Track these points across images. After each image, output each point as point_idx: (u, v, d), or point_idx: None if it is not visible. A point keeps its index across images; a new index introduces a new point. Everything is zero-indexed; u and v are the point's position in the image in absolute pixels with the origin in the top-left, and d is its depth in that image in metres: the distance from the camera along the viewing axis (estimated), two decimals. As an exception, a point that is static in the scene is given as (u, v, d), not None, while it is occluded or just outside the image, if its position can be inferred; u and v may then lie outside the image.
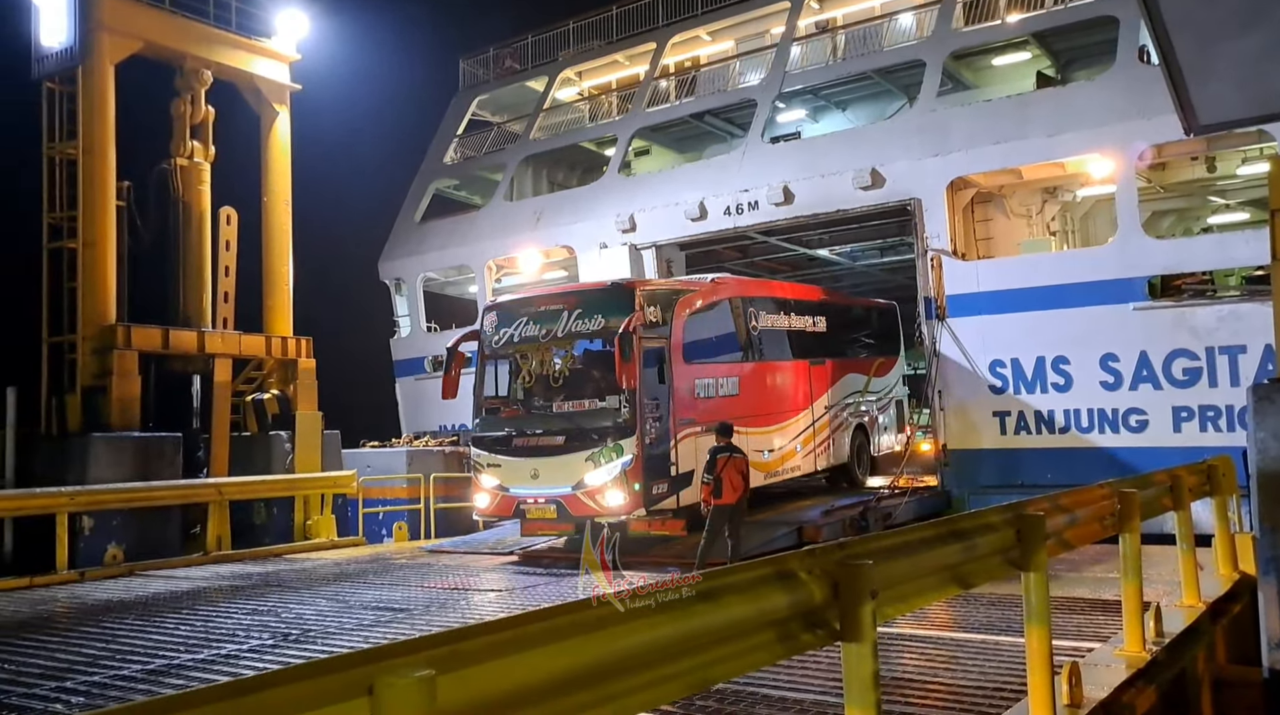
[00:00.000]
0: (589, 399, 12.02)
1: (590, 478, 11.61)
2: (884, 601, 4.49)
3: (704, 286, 13.95)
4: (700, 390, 12.88)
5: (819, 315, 16.83)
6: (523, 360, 12.55)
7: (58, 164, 18.86)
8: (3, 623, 9.58)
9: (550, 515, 11.86)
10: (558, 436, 11.97)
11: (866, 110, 21.48)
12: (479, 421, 12.96)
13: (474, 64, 26.13)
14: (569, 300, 12.50)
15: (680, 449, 12.18)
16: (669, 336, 12.28)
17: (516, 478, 12.13)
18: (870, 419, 17.82)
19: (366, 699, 2.10)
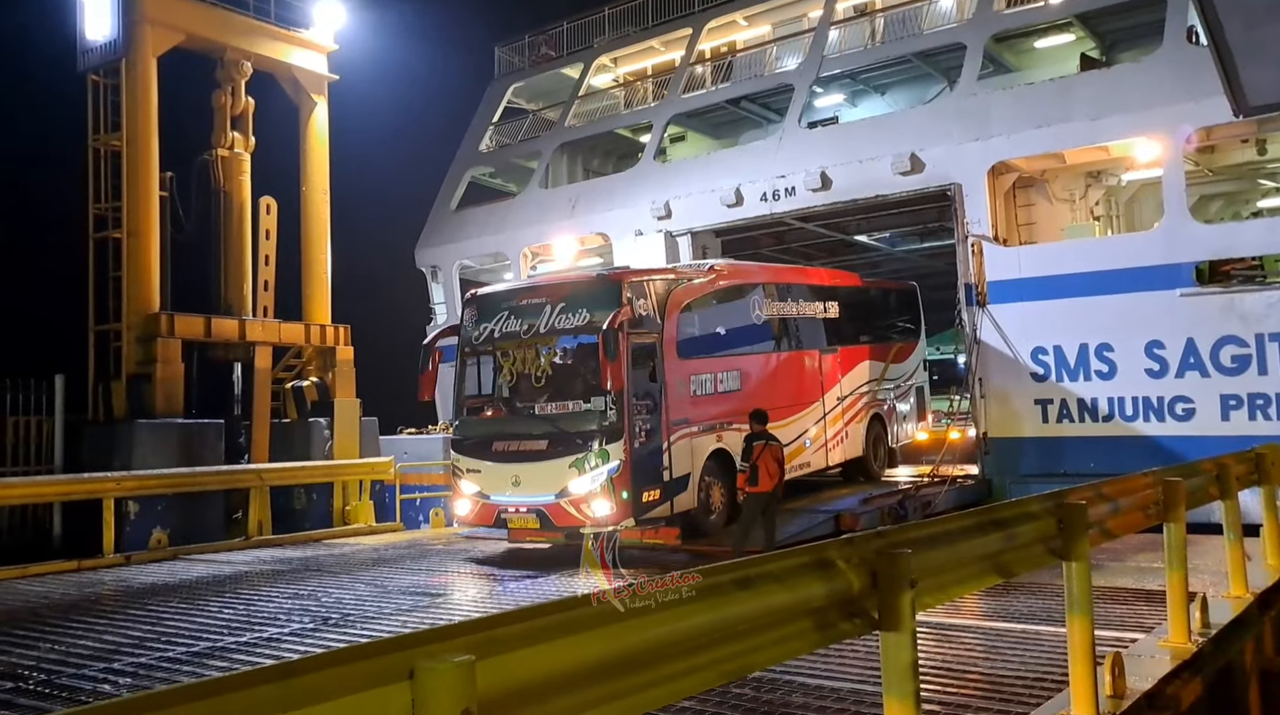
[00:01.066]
0: (573, 400, 11.21)
1: (574, 485, 10.81)
2: (923, 591, 4.46)
3: (700, 275, 13.22)
4: (697, 387, 12.15)
5: (830, 300, 16.01)
6: (504, 358, 11.77)
7: (102, 155, 19.19)
8: (52, 605, 9.80)
9: (533, 525, 11.15)
10: (540, 441, 11.16)
11: (906, 94, 21.22)
12: (458, 423, 12.23)
13: (509, 51, 26.15)
14: (552, 293, 11.65)
15: (674, 452, 11.43)
16: (661, 331, 11.55)
17: (497, 484, 11.33)
18: (888, 408, 17.02)
19: (407, 683, 2.12)
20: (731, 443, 12.22)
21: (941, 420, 20.22)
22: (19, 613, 9.42)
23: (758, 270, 15.72)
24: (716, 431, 12.32)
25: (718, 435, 12.32)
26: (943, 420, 20.20)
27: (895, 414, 17.27)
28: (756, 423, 11.13)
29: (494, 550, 12.80)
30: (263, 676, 1.91)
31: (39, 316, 25.38)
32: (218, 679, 1.88)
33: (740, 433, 11.85)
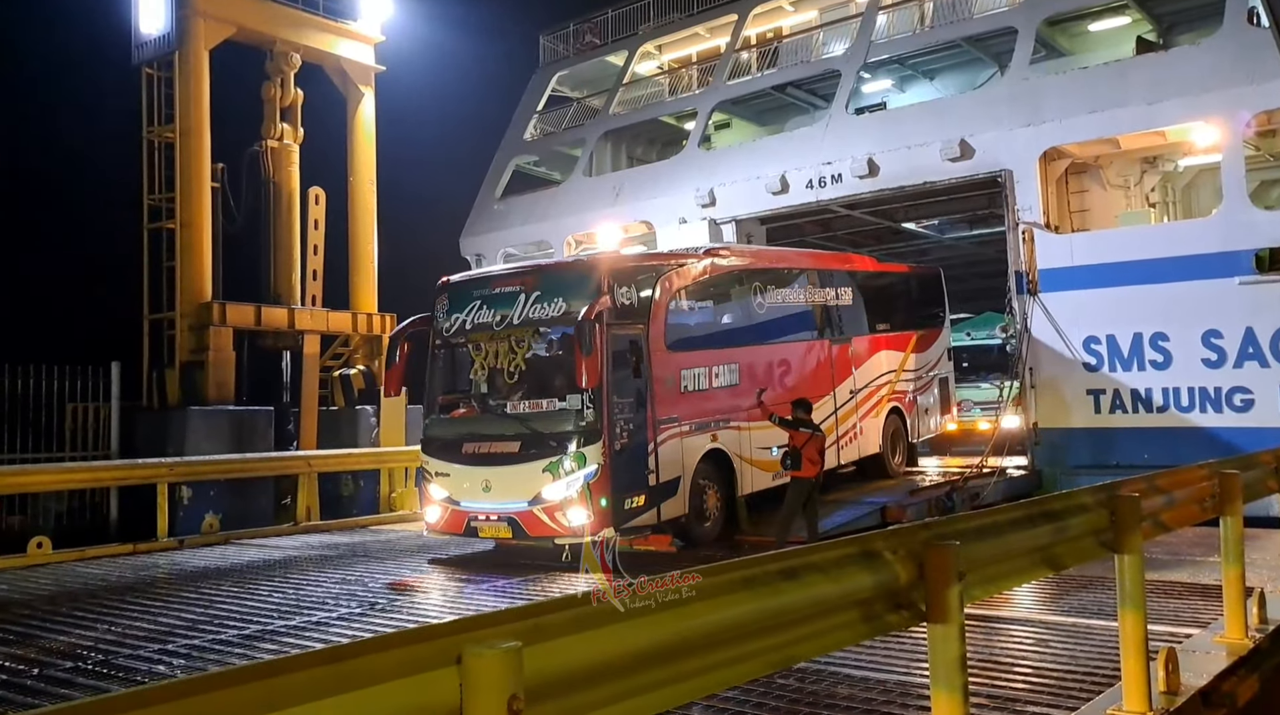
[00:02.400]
0: (548, 398, 10.29)
1: (548, 492, 9.87)
2: (972, 583, 4.42)
3: (692, 259, 12.25)
4: (689, 382, 11.21)
5: (842, 286, 15.02)
6: (475, 351, 10.77)
7: (156, 147, 19.57)
8: (109, 587, 10.03)
9: (504, 534, 10.26)
10: (512, 442, 10.24)
11: (955, 80, 20.92)
12: (428, 422, 11.34)
13: (554, 40, 26.16)
14: (527, 280, 10.68)
15: (662, 453, 10.49)
16: (647, 322, 10.63)
17: (467, 489, 10.41)
18: (908, 401, 15.94)
19: (455, 668, 2.15)
20: (728, 442, 11.57)
21: (972, 409, 19.66)
22: (78, 594, 9.66)
23: (758, 254, 14.74)
24: (711, 430, 11.37)
25: (712, 434, 11.38)
26: (973, 409, 19.65)
27: (916, 407, 16.24)
28: (801, 411, 11.04)
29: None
30: (317, 659, 1.95)
31: (96, 306, 25.97)
32: (273, 661, 1.93)
33: (738, 431, 11.59)
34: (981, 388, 20.00)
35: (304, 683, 1.90)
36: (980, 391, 20.00)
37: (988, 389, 19.72)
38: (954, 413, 17.88)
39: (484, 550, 11.58)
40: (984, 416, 19.44)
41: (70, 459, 15.88)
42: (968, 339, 20.80)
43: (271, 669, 1.91)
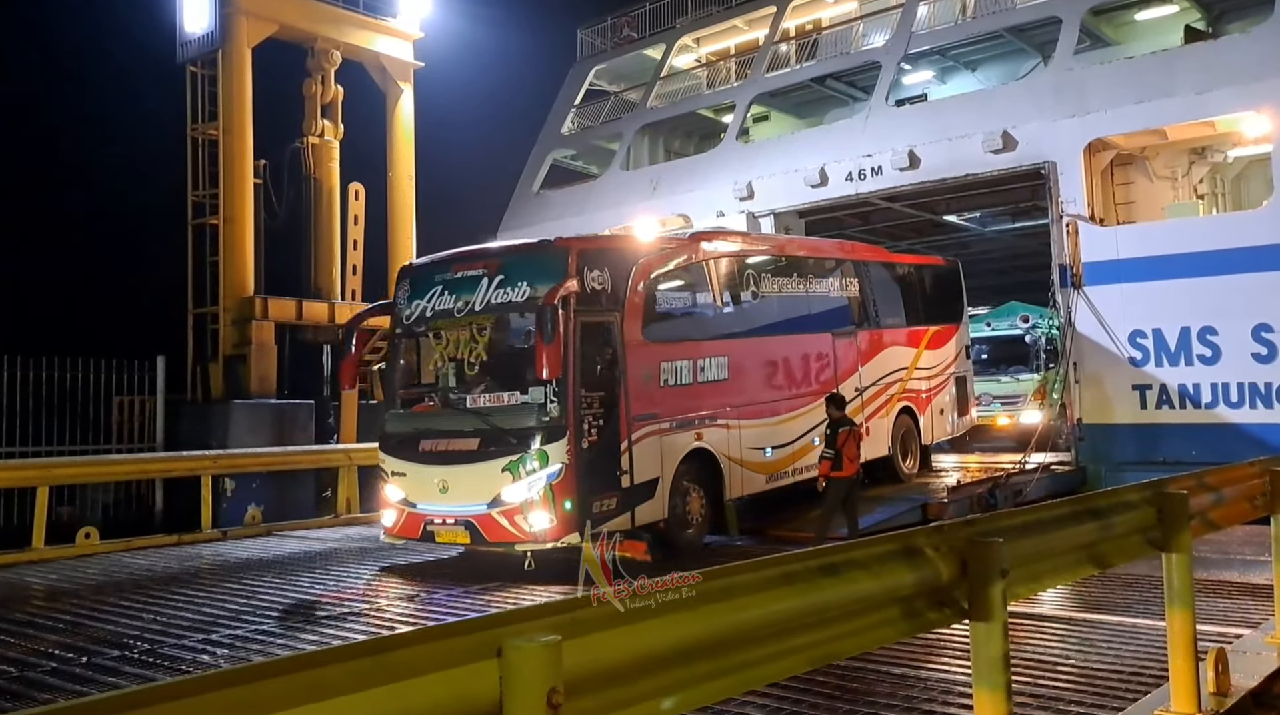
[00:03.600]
0: (509, 391, 9.54)
1: (508, 493, 9.10)
2: (1015, 581, 4.38)
3: (675, 243, 11.47)
4: (669, 376, 10.37)
5: (848, 277, 14.11)
6: (436, 340, 10.07)
7: (200, 144, 19.87)
8: (154, 577, 10.20)
9: (462, 539, 9.48)
10: (470, 439, 9.48)
11: (997, 70, 20.66)
12: (386, 417, 10.66)
13: (591, 33, 26.19)
14: (490, 263, 9.86)
15: (637, 452, 9.67)
16: (622, 309, 9.81)
17: (423, 490, 9.65)
18: (920, 401, 14.89)
19: (495, 660, 2.16)
20: (715, 441, 10.78)
21: (991, 403, 19.11)
22: (124, 584, 9.83)
23: (752, 239, 13.74)
24: (695, 428, 10.57)
25: (697, 433, 10.57)
26: (992, 403, 19.12)
27: (930, 407, 15.19)
28: (835, 408, 10.93)
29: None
30: (361, 650, 1.97)
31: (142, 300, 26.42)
32: (317, 652, 1.95)
33: (727, 429, 10.90)
34: (1001, 381, 19.49)
35: (348, 674, 1.93)
36: (1000, 385, 19.46)
37: (1008, 382, 19.33)
38: (973, 414, 16.87)
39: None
40: (1004, 411, 19.04)
41: (117, 451, 16.17)
42: (988, 330, 20.25)
43: (315, 660, 1.93)
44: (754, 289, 12.22)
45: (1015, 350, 19.71)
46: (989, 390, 19.16)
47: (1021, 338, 19.68)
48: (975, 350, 17.92)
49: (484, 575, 9.43)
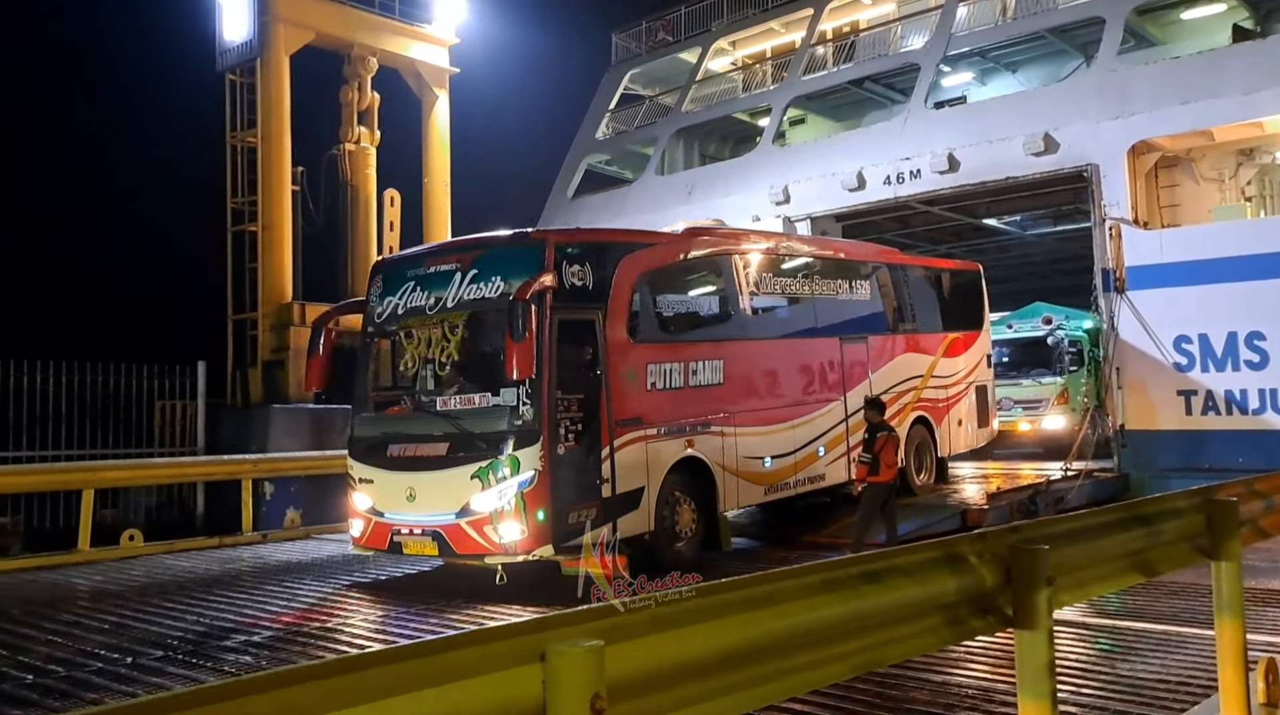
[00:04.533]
0: (480, 393, 8.95)
1: (477, 502, 8.55)
2: (1060, 588, 4.34)
3: (665, 238, 10.95)
4: (657, 379, 9.80)
5: (859, 279, 13.47)
6: (407, 339, 9.54)
7: (239, 151, 20.13)
8: (196, 579, 10.33)
9: (430, 550, 8.99)
10: (440, 444, 8.95)
11: (1039, 72, 20.43)
12: (356, 420, 10.10)
13: (626, 38, 26.23)
14: (463, 257, 9.33)
15: (620, 460, 9.08)
16: (605, 307, 9.28)
17: (390, 498, 9.12)
18: (936, 411, 14.18)
19: (539, 665, 2.16)
20: (708, 449, 10.22)
21: (1012, 408, 18.57)
22: (167, 586, 9.97)
23: (754, 237, 12.95)
24: (686, 435, 10.01)
25: (688, 440, 10.01)
26: (1013, 408, 18.58)
27: (948, 418, 14.44)
28: (875, 412, 10.82)
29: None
30: (404, 654, 1.99)
31: (183, 306, 26.86)
32: (364, 654, 1.98)
33: (721, 437, 10.35)
34: (1023, 385, 18.93)
35: (394, 676, 1.95)
36: (1021, 389, 18.89)
37: (1029, 386, 18.82)
38: (994, 426, 16.12)
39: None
40: (1025, 416, 18.58)
41: (159, 455, 16.40)
42: (1009, 332, 19.68)
43: (361, 662, 1.95)
44: (753, 289, 11.59)
45: (1037, 353, 19.18)
46: (1009, 395, 18.60)
47: (1044, 340, 19.18)
48: (995, 352, 17.29)
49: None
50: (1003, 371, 18.34)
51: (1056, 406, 18.57)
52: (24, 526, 13.70)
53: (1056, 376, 18.78)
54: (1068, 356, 18.90)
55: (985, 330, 16.17)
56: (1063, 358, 18.90)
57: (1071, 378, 18.84)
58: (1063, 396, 18.58)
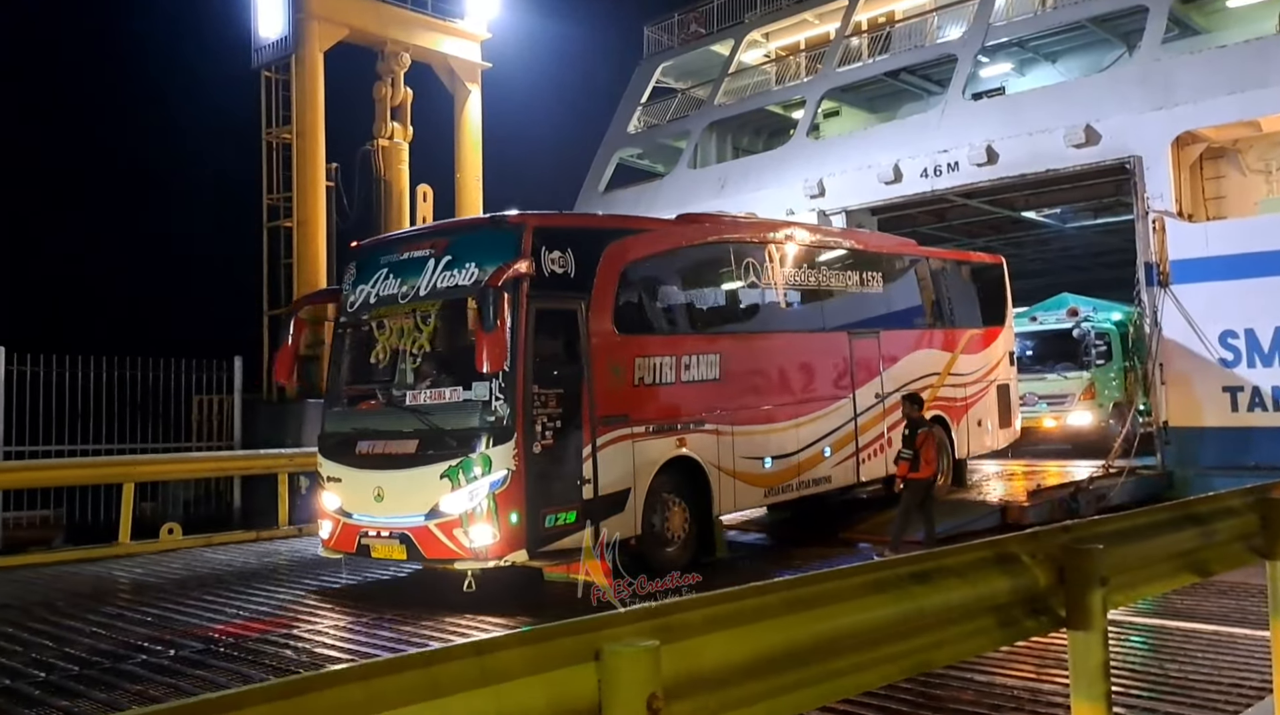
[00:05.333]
0: (452, 387, 8.43)
1: (446, 503, 8.04)
2: (1114, 589, 4.27)
3: (657, 225, 10.53)
4: (645, 374, 9.26)
5: (870, 271, 12.75)
6: (379, 330, 8.98)
7: (274, 148, 20.30)
8: (235, 572, 10.43)
9: (398, 554, 8.44)
10: (409, 441, 8.45)
11: (1079, 62, 20.09)
12: (327, 415, 9.59)
13: (658, 30, 26.13)
14: (437, 243, 8.86)
15: (603, 459, 8.56)
16: (588, 296, 8.76)
17: (358, 498, 8.62)
18: (954, 410, 13.48)
19: (593, 664, 2.14)
20: (702, 448, 9.66)
21: (1036, 404, 17.78)
22: (206, 579, 10.07)
23: (754, 225, 12.17)
24: (677, 433, 9.48)
25: (679, 439, 9.46)
26: (1038, 404, 17.80)
27: (966, 418, 13.69)
28: (914, 408, 10.68)
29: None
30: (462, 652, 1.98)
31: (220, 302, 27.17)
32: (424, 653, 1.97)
33: (716, 436, 9.82)
34: (1047, 379, 18.18)
35: (453, 674, 1.94)
36: (1046, 383, 18.13)
37: (1054, 381, 18.09)
38: (1016, 426, 15.32)
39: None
40: (1050, 412, 17.86)
41: (196, 449, 16.58)
42: (1032, 324, 18.94)
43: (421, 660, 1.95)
44: (753, 280, 10.98)
45: (1062, 346, 18.35)
46: (1033, 390, 17.70)
47: (1069, 332, 18.39)
48: (1018, 346, 16.52)
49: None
50: (1026, 365, 17.62)
51: (1082, 402, 17.91)
52: (66, 520, 13.89)
53: (1082, 371, 18.06)
54: (1094, 350, 18.21)
55: (1008, 326, 15.52)
56: (1089, 351, 18.16)
57: (1099, 372, 18.19)
58: (1089, 392, 17.92)
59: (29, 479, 12.56)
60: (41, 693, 6.04)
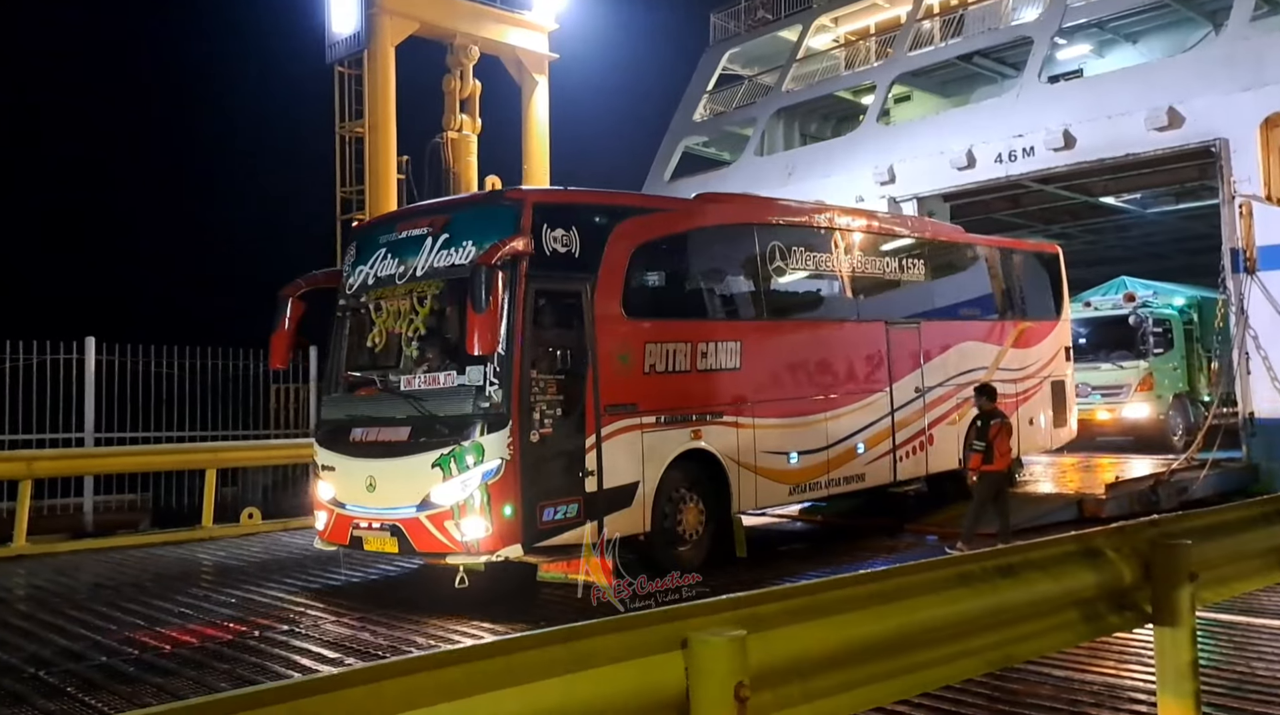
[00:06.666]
0: (447, 372, 7.99)
1: (438, 494, 7.64)
2: (1203, 585, 4.18)
3: (675, 205, 9.98)
4: (657, 361, 8.72)
5: (910, 258, 12.12)
6: (376, 312, 8.60)
7: (348, 142, 20.69)
8: (313, 557, 10.58)
9: (390, 547, 8.01)
10: (401, 428, 8.06)
11: (1162, 42, 19.47)
12: (324, 401, 9.34)
13: (724, 17, 25.97)
14: (435, 221, 8.42)
15: (607, 450, 8.08)
16: (594, 277, 8.25)
17: (351, 488, 8.26)
18: (1003, 407, 12.26)
19: (680, 652, 2.16)
20: (720, 442, 9.13)
21: (1090, 395, 16.98)
22: (286, 563, 10.34)
23: (781, 207, 11.56)
24: (692, 425, 8.95)
25: (694, 430, 8.94)
26: (1091, 395, 17.01)
27: (1017, 415, 12.81)
28: (987, 400, 10.45)
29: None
30: (551, 638, 2.01)
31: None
32: (514, 638, 2.00)
33: (736, 428, 9.29)
34: (1102, 369, 17.37)
35: (542, 660, 1.97)
36: (1100, 374, 17.31)
37: (1109, 371, 17.28)
38: (1072, 426, 14.40)
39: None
40: (1104, 403, 17.07)
41: (274, 437, 16.99)
42: (1087, 310, 18.11)
43: (512, 646, 1.98)
44: (780, 264, 10.35)
45: (1118, 333, 17.55)
46: (1087, 380, 16.88)
47: (1125, 319, 17.63)
48: (1073, 333, 15.66)
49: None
50: (1080, 354, 16.59)
51: (1139, 394, 17.04)
52: (152, 504, 14.37)
53: (1139, 360, 17.27)
54: (1152, 337, 17.35)
55: (1064, 319, 14.64)
56: (1147, 339, 17.32)
57: (1157, 361, 17.33)
58: (1146, 382, 17.07)
59: (119, 465, 13.03)
60: (136, 670, 6.28)
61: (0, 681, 6.09)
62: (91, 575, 9.92)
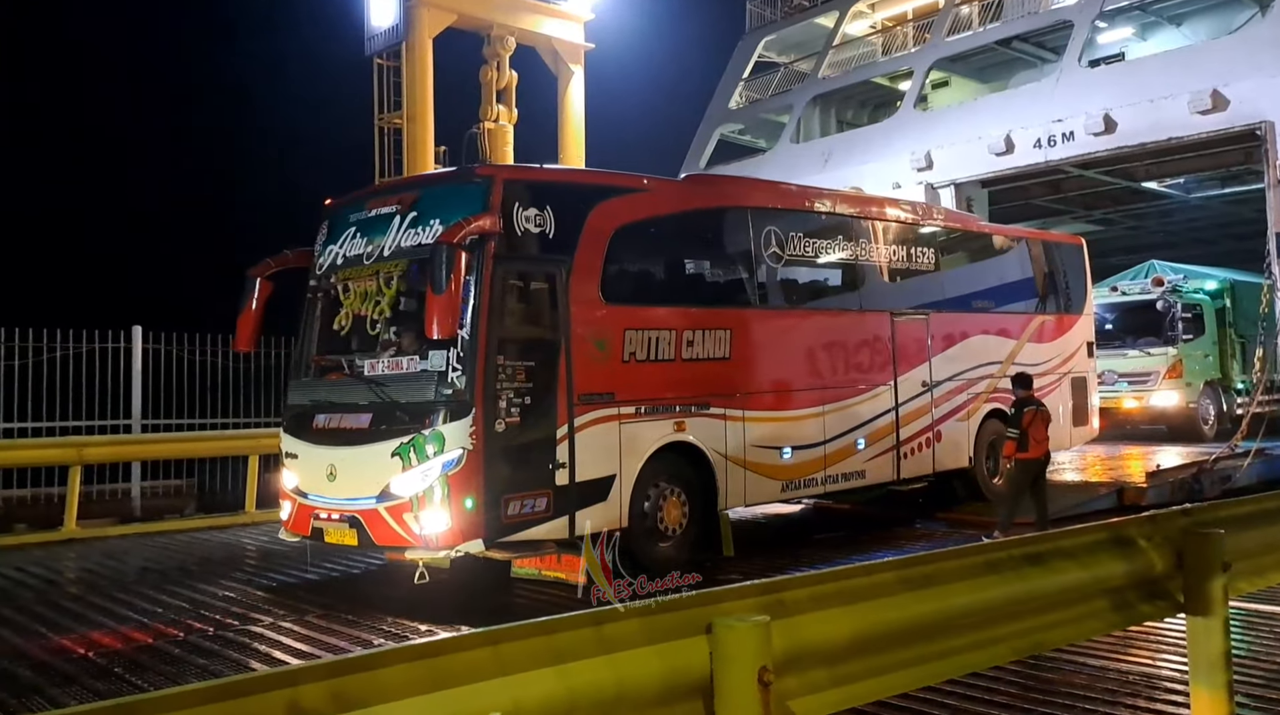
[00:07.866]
0: (409, 356, 7.63)
1: (397, 485, 7.29)
2: (1236, 575, 4.14)
3: (659, 185, 9.37)
4: (637, 348, 8.31)
5: (918, 245, 11.49)
6: (344, 293, 8.25)
7: (386, 133, 20.89)
8: (355, 541, 10.82)
9: (349, 540, 7.68)
10: (363, 415, 7.72)
11: (1206, 24, 19.12)
12: (291, 386, 8.94)
13: (760, 4, 25.84)
14: (404, 198, 8.08)
15: (581, 441, 7.68)
16: (570, 258, 7.87)
17: (313, 477, 7.93)
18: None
19: (705, 637, 2.21)
20: (705, 433, 8.69)
21: (1116, 382, 16.56)
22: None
23: (776, 189, 11.12)
24: (675, 416, 8.52)
25: (676, 422, 8.51)
26: (1117, 382, 16.59)
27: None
28: (1021, 388, 10.34)
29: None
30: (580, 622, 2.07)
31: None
32: (549, 620, 2.06)
33: (724, 420, 8.87)
34: (1128, 356, 16.91)
35: (575, 641, 2.03)
36: (1126, 361, 16.86)
37: (1136, 357, 16.82)
38: (1093, 424, 13.74)
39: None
40: (1131, 391, 16.68)
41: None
42: (1113, 295, 17.68)
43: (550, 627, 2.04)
44: (774, 250, 9.79)
45: (1146, 319, 17.10)
46: (1113, 367, 16.43)
47: (1153, 303, 17.11)
48: (1098, 319, 15.18)
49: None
50: (1106, 341, 16.04)
51: (1167, 381, 16.62)
52: (197, 489, 14.66)
53: (1168, 346, 16.80)
54: (1181, 323, 16.90)
55: (1086, 313, 13.91)
56: (1175, 325, 16.87)
57: (1186, 348, 16.86)
58: (1174, 369, 16.66)
59: (166, 451, 13.32)
60: (181, 651, 6.46)
61: (52, 662, 6.28)
62: (139, 559, 10.16)
